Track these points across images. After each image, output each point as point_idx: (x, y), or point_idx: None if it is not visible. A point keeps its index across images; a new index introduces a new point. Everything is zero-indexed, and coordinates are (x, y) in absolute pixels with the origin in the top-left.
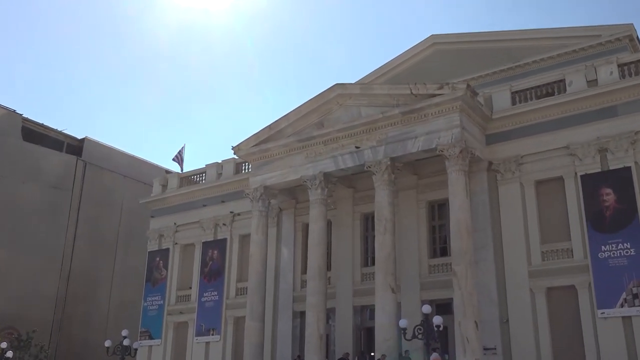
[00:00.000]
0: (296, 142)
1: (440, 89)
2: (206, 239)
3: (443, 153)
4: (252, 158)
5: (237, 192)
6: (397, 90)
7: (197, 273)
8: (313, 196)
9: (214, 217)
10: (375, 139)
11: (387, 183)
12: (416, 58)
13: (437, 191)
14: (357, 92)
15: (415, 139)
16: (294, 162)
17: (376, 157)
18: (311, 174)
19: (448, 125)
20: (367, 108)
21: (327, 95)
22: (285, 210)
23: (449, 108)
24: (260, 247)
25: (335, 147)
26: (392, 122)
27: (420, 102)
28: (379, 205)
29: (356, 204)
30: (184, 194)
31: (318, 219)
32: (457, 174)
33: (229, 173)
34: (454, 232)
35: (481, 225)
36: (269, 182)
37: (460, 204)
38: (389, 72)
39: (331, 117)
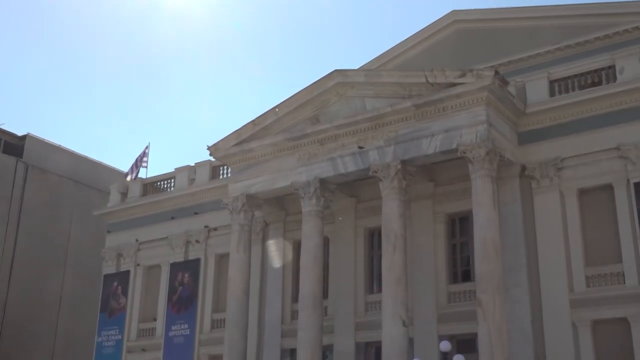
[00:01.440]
0: (286, 140)
1: (463, 76)
2: (175, 259)
3: (465, 155)
4: (232, 160)
5: (214, 202)
6: (409, 78)
7: (163, 301)
8: (307, 207)
9: (185, 232)
10: (382, 138)
11: (397, 191)
12: (433, 39)
13: (458, 202)
14: (360, 80)
15: (431, 138)
16: (284, 166)
17: (384, 160)
18: (304, 180)
19: (472, 121)
20: (372, 100)
21: (324, 84)
22: (272, 224)
23: (473, 100)
24: (242, 270)
25: (333, 147)
26: (403, 116)
27: (437, 92)
28: (387, 219)
29: (359, 216)
30: (148, 204)
31: (312, 235)
32: (482, 181)
33: (204, 179)
34: (479, 252)
35: (512, 244)
36: (253, 189)
37: (486, 218)
38: (399, 57)
39: (329, 111)
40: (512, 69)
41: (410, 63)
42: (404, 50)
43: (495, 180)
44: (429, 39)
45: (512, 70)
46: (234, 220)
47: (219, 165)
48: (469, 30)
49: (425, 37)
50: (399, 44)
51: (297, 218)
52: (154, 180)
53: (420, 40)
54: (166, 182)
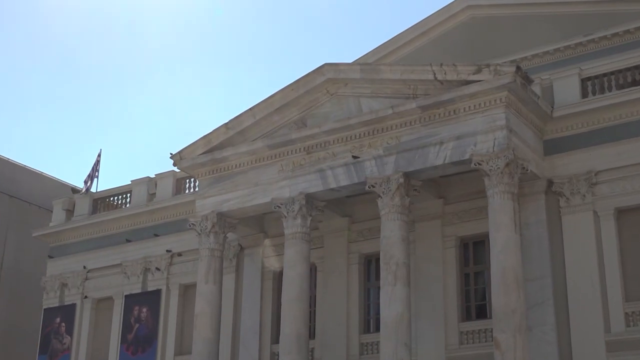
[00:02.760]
0: (266, 148)
1: (478, 72)
2: (131, 290)
3: (481, 167)
4: (200, 171)
5: (178, 222)
6: (414, 75)
7: (116, 341)
8: (290, 228)
9: (144, 258)
10: (381, 146)
11: (398, 210)
12: (442, 28)
13: (472, 223)
14: (355, 77)
15: (440, 146)
16: (263, 178)
17: (383, 172)
18: (287, 195)
19: (489, 126)
20: (370, 100)
21: (312, 81)
22: (248, 249)
23: (490, 101)
24: (211, 304)
25: (323, 156)
26: (406, 120)
27: (448, 91)
28: (386, 243)
29: (353, 240)
30: (98, 223)
31: (297, 263)
32: (501, 198)
33: (166, 193)
34: (497, 283)
35: (537, 273)
36: (226, 207)
37: (505, 242)
38: (401, 49)
39: (318, 113)
40: (536, 65)
41: (415, 56)
42: (408, 41)
43: (516, 198)
44: (437, 28)
45: (536, 66)
46: (203, 243)
47: (185, 177)
48: (485, 18)
49: (432, 25)
50: (401, 34)
51: (279, 242)
52: (105, 195)
53: (426, 30)
54: (120, 197)
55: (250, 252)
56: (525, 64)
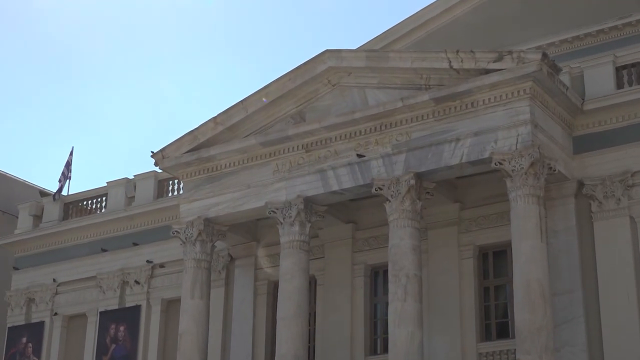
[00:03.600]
0: (259, 145)
1: (499, 60)
2: (107, 306)
3: (502, 167)
4: (185, 172)
5: (160, 229)
6: (427, 62)
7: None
8: (286, 236)
9: (121, 269)
10: (390, 143)
11: (409, 216)
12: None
13: (492, 230)
14: (361, 65)
15: (456, 144)
16: (256, 180)
17: (392, 173)
18: (284, 199)
19: (511, 121)
20: (377, 91)
21: (311, 69)
22: (239, 260)
23: (512, 92)
24: (197, 321)
25: (324, 154)
26: (418, 114)
27: (465, 81)
28: (395, 253)
29: (358, 249)
30: (70, 230)
31: (294, 275)
32: (525, 202)
33: (147, 197)
34: (521, 299)
35: (566, 287)
36: (214, 212)
37: (530, 252)
38: (411, 34)
39: (318, 106)
40: (565, 51)
41: (427, 42)
42: (419, 26)
43: (542, 202)
44: (453, 10)
45: (564, 53)
46: (188, 253)
47: (168, 178)
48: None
49: (447, 7)
50: (411, 17)
51: (274, 251)
52: (78, 199)
53: (440, 12)
54: (95, 201)
55: (242, 263)
56: (552, 50)
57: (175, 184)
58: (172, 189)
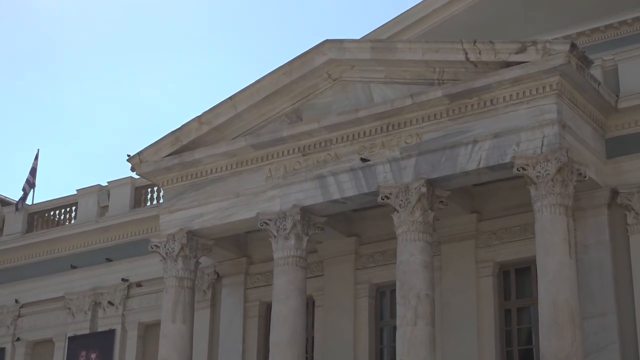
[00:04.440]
0: (250, 148)
1: (522, 52)
2: (77, 330)
3: (526, 173)
4: (165, 178)
5: (137, 243)
6: (440, 54)
7: None
8: (281, 251)
9: (93, 289)
10: (398, 145)
11: (420, 228)
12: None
13: (514, 244)
14: (365, 57)
15: (473, 146)
16: (246, 187)
17: (400, 179)
18: (278, 209)
19: (535, 121)
20: (383, 87)
21: (309, 61)
22: (227, 278)
23: (537, 88)
24: (179, 348)
25: (323, 158)
26: (430, 113)
27: (483, 76)
28: (405, 270)
29: (362, 266)
30: (35, 244)
31: (289, 295)
32: (552, 213)
33: (122, 206)
34: (547, 322)
35: (598, 309)
36: (198, 223)
37: (558, 269)
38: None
39: (317, 103)
40: (597, 42)
41: (439, 31)
42: (431, 12)
43: (571, 213)
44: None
45: (596, 43)
46: (169, 271)
47: (146, 185)
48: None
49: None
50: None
51: (267, 268)
52: (44, 209)
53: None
54: (63, 211)
55: (230, 282)
56: (582, 40)
57: (155, 191)
58: (151, 197)
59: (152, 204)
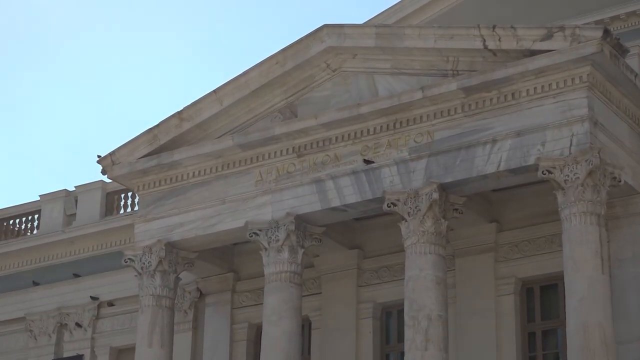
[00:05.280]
0: (237, 148)
1: (548, 38)
2: (39, 356)
3: (552, 176)
4: (141, 182)
5: (108, 256)
6: (454, 41)
7: None
8: (273, 266)
9: (58, 309)
10: (406, 145)
11: (431, 239)
12: None
13: (538, 258)
14: (369, 44)
15: (492, 146)
16: (233, 193)
17: (409, 184)
18: (269, 218)
19: (563, 117)
20: (389, 78)
21: (305, 49)
22: (212, 296)
23: (565, 80)
24: None
25: (321, 160)
26: (443, 108)
27: (504, 66)
28: (414, 288)
29: (365, 283)
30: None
31: (282, 316)
32: (582, 222)
33: (91, 214)
34: (577, 347)
35: (634, 332)
36: (178, 234)
37: (588, 287)
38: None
39: (314, 97)
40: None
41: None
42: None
43: (603, 222)
44: None
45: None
46: (145, 288)
47: (119, 190)
48: None
49: None
50: None
51: (256, 285)
52: (2, 217)
53: None
54: (25, 219)
55: (215, 301)
56: (616, 26)
57: (129, 197)
58: (125, 204)
59: (125, 211)
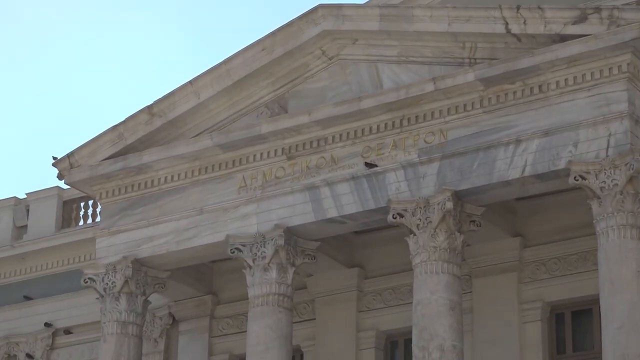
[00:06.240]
0: (217, 149)
1: (581, 21)
2: None
3: (585, 183)
4: (104, 189)
5: (65, 276)
6: (471, 24)
7: None
8: (258, 287)
9: (6, 337)
10: (415, 146)
11: (444, 257)
12: None
13: (570, 278)
14: (372, 28)
15: (515, 148)
16: (212, 202)
17: (418, 192)
18: (254, 230)
19: (599, 114)
20: (395, 68)
21: (297, 33)
22: (186, 323)
23: (601, 70)
24: None
25: (315, 163)
26: (458, 102)
27: (529, 54)
28: (424, 313)
29: (367, 307)
30: None
31: (269, 346)
32: (620, 237)
33: (45, 226)
34: None
35: None
36: (148, 249)
37: (628, 312)
38: None
39: (307, 90)
40: None
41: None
42: None
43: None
44: None
45: None
46: (108, 313)
47: (78, 197)
48: None
49: None
50: None
51: (239, 309)
52: None
53: None
54: None
55: (190, 328)
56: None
57: (90, 207)
58: (85, 214)
59: (85, 223)
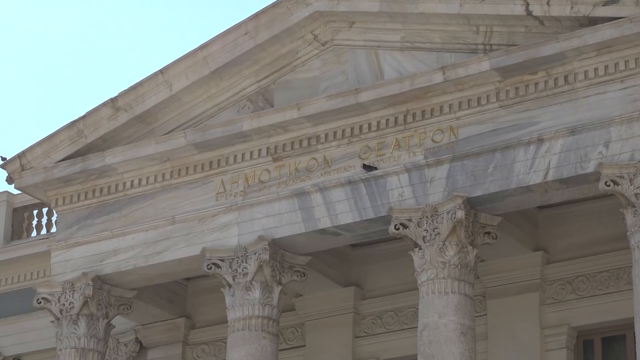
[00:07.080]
0: (192, 148)
1: (613, 2)
2: None
3: (617, 189)
4: (60, 194)
5: (15, 295)
6: (486, 5)
7: None
8: (238, 309)
9: None
10: (421, 146)
11: (454, 274)
12: None
13: (599, 300)
14: (371, 9)
15: (536, 148)
16: (185, 210)
17: (424, 199)
18: (235, 243)
19: (633, 109)
20: (398, 55)
21: (284, 15)
22: (156, 350)
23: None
24: None
25: (305, 165)
26: (471, 95)
27: (553, 40)
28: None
29: (365, 332)
30: None
31: None
32: None
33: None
34: None
35: None
36: (111, 265)
37: None
38: None
39: (296, 80)
40: None
41: None
42: None
43: None
44: None
45: None
46: (65, 338)
47: (30, 204)
48: None
49: None
50: None
51: (217, 334)
52: None
53: None
54: None
55: (160, 356)
56: None
57: (44, 215)
58: (38, 224)
59: (39, 234)
